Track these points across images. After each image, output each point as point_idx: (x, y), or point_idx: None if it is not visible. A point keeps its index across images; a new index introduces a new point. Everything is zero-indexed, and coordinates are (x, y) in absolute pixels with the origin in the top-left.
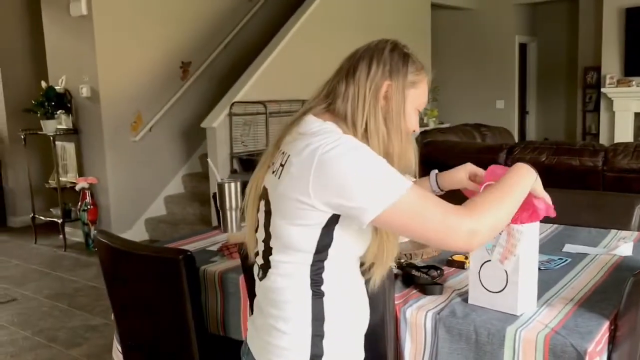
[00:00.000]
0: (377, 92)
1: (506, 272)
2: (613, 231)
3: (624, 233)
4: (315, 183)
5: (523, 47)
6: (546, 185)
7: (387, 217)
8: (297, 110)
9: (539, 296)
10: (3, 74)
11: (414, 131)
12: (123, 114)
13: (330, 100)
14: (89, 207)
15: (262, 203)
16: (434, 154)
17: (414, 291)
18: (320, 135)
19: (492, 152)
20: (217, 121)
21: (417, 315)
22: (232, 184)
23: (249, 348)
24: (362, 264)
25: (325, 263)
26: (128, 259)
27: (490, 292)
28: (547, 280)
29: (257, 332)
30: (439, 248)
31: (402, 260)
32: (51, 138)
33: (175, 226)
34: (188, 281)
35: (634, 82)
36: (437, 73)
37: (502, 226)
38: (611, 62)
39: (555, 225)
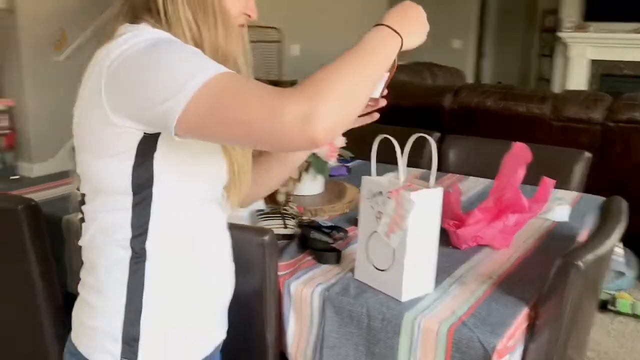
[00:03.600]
0: None
1: (394, 248)
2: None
3: (561, 192)
4: (109, 93)
5: None
6: (490, 131)
7: (196, 110)
8: (275, 40)
9: (450, 271)
10: None
11: (249, 16)
12: (45, 30)
13: None
14: (6, 132)
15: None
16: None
17: (308, 258)
18: (115, 39)
19: (438, 93)
20: None
21: (303, 291)
22: None
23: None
24: None
25: (151, 211)
26: None
27: (377, 269)
28: (460, 252)
29: (75, 310)
30: (274, 149)
31: (305, 218)
32: None
33: None
34: (31, 235)
35: (591, 28)
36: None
37: (355, 106)
38: (571, 5)
39: (488, 181)
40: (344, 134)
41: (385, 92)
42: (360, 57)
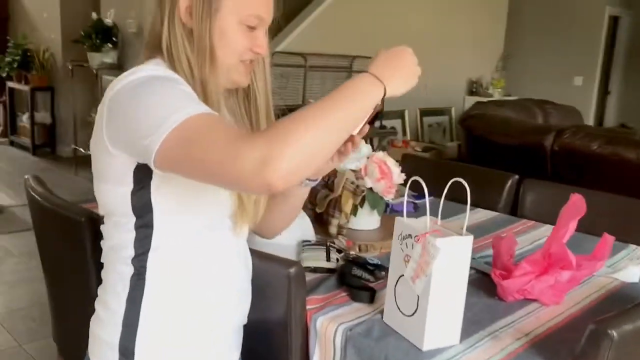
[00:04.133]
0: (173, 6)
1: (418, 294)
2: (632, 247)
3: None
4: (108, 125)
5: (614, 20)
6: (594, 178)
7: (170, 148)
8: (344, 67)
9: (485, 324)
10: (62, 2)
11: (257, 53)
12: None
13: None
14: None
15: None
16: (475, 129)
17: (343, 294)
18: (123, 73)
19: (537, 133)
20: None
21: (328, 327)
22: None
23: None
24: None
25: (153, 232)
26: (43, 212)
27: (403, 314)
28: (504, 305)
29: (90, 321)
30: (235, 190)
31: (352, 253)
32: (94, 71)
33: None
34: (92, 246)
35: None
36: (510, 40)
37: (318, 157)
38: None
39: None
40: (406, 171)
41: (367, 128)
42: (333, 106)
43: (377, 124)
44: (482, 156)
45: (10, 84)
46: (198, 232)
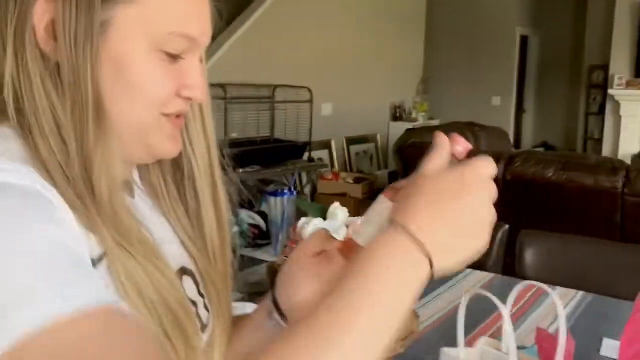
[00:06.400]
0: (23, 24)
1: None
2: None
3: None
4: None
5: (524, 40)
6: (550, 206)
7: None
8: (264, 97)
9: None
10: None
11: (189, 98)
12: None
13: None
14: None
15: None
16: (414, 159)
17: None
18: None
19: None
20: None
21: None
22: None
23: None
24: None
25: None
26: None
27: None
28: None
29: None
30: None
31: None
32: None
33: None
34: None
35: None
36: (429, 63)
37: None
38: (621, 61)
39: (580, 294)
40: None
41: None
42: (339, 320)
43: (305, 156)
44: None
45: None
46: None
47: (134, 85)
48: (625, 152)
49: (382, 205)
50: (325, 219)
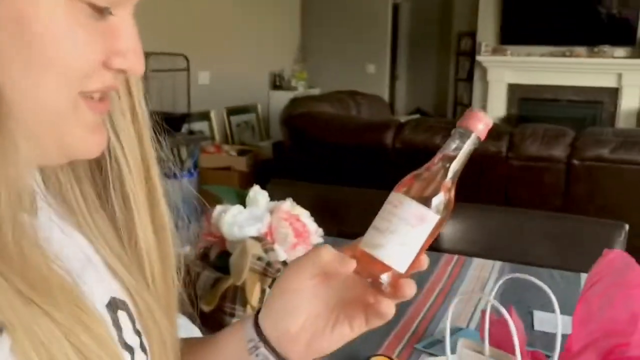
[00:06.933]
0: None
1: None
2: (584, 276)
3: None
4: None
5: (396, 8)
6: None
7: None
8: None
9: None
10: None
11: (122, 70)
12: None
13: None
14: None
15: None
16: (310, 130)
17: None
18: None
19: (376, 130)
20: None
21: None
22: None
23: None
24: None
25: None
26: None
27: None
28: None
29: None
30: None
31: None
32: None
33: None
34: None
35: (509, 51)
36: (305, 31)
37: None
38: (487, 28)
39: (498, 264)
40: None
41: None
42: None
43: (184, 128)
44: (316, 160)
45: None
46: None
47: (43, 51)
48: (493, 116)
49: (404, 207)
50: (244, 205)
